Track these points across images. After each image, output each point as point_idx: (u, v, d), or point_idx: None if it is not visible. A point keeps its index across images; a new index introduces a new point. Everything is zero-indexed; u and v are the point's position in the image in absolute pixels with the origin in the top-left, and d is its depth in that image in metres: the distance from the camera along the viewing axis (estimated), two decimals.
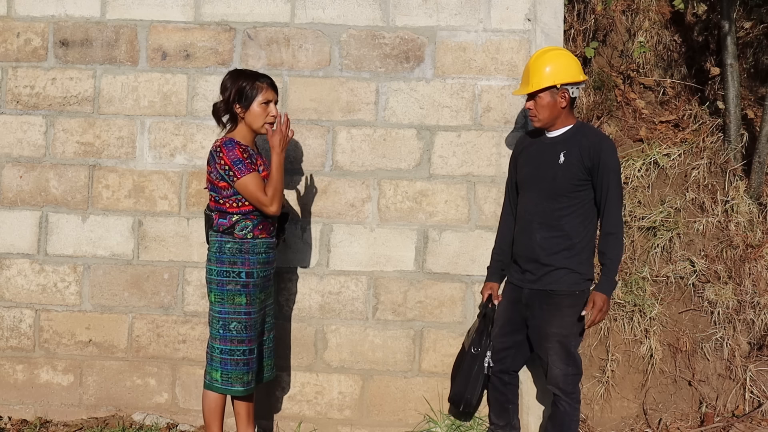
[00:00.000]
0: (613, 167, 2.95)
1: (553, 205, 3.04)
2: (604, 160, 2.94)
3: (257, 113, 2.99)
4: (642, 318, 3.91)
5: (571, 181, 2.99)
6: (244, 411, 3.16)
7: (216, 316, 2.97)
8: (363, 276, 3.62)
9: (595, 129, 3.13)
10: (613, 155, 2.97)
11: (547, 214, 3.05)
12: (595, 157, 2.94)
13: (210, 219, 3.05)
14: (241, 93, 2.97)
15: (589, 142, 2.98)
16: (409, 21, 3.61)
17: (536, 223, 3.09)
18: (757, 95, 4.85)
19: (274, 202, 2.92)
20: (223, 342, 2.96)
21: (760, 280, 4.02)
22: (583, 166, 2.96)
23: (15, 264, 3.72)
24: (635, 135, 4.46)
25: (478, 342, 3.24)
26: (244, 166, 2.89)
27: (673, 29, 4.94)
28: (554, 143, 3.07)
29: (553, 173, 3.03)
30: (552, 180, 3.04)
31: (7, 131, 3.73)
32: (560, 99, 3.02)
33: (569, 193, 3.00)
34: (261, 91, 2.98)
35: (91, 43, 3.70)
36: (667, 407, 3.83)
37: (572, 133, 3.05)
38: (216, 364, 2.98)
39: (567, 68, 3.03)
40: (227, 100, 3.00)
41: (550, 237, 3.02)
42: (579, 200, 2.99)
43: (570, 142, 3.02)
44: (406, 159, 3.62)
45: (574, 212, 3.00)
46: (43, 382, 3.72)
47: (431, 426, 3.58)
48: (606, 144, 2.99)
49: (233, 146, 2.91)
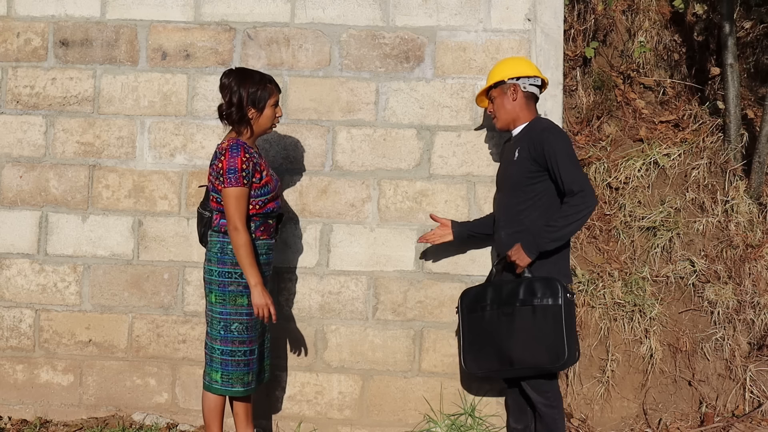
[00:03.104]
0: (557, 147, 2.91)
1: (512, 200, 3.09)
2: (547, 146, 2.92)
3: (269, 116, 2.98)
4: (642, 318, 3.91)
5: (523, 174, 3.01)
6: (242, 411, 3.15)
7: (217, 317, 2.95)
8: (363, 276, 3.62)
9: (543, 121, 3.10)
10: (556, 138, 2.94)
11: (509, 210, 3.10)
12: (539, 147, 2.95)
13: (203, 217, 3.03)
14: (255, 97, 2.93)
15: (534, 133, 3.01)
16: (409, 21, 3.61)
17: (501, 221, 3.15)
18: (757, 95, 4.85)
19: (239, 233, 2.83)
20: (224, 343, 2.95)
21: (760, 280, 4.02)
22: (531, 158, 2.98)
23: (15, 264, 3.72)
24: (635, 135, 4.46)
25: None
26: (236, 177, 2.83)
27: (673, 29, 4.94)
28: (515, 141, 3.13)
29: (511, 170, 3.09)
30: (510, 177, 3.10)
31: (7, 131, 3.73)
32: (511, 93, 3.08)
33: (524, 186, 3.02)
34: (272, 93, 2.98)
35: (91, 43, 3.70)
36: (667, 407, 3.83)
37: (526, 129, 3.09)
38: (216, 365, 2.97)
39: (515, 65, 3.12)
40: (240, 104, 2.92)
41: (512, 233, 3.05)
42: (535, 193, 3.00)
43: (524, 138, 3.06)
44: (406, 159, 3.62)
45: (532, 206, 3.01)
46: (43, 382, 3.72)
47: (431, 426, 3.58)
48: (547, 132, 2.97)
49: (238, 152, 2.86)
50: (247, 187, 2.88)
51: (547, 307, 2.89)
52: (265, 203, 2.97)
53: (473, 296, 3.14)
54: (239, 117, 2.94)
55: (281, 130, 3.62)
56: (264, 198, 2.96)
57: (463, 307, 3.18)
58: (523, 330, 2.92)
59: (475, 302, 3.12)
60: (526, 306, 2.93)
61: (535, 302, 2.91)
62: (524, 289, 2.95)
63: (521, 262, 2.94)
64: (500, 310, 2.99)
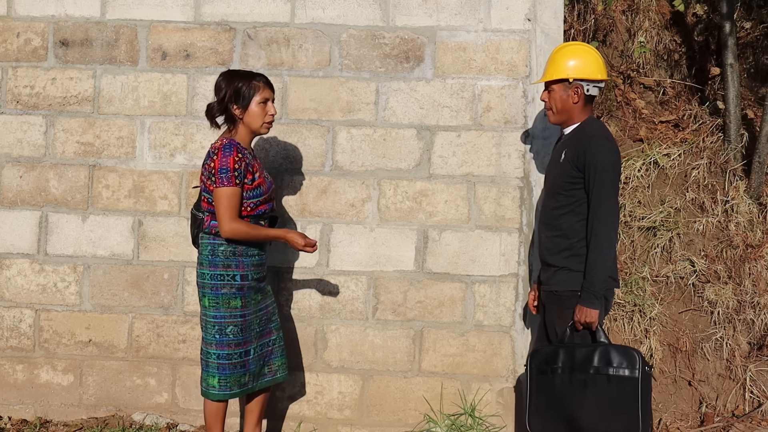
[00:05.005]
0: (598, 165, 2.82)
1: (552, 203, 3.02)
2: (589, 158, 2.83)
3: (256, 113, 2.93)
4: (642, 318, 3.91)
5: (564, 179, 2.93)
6: (256, 409, 3.12)
7: (211, 321, 2.91)
8: (363, 276, 3.62)
9: (595, 126, 2.99)
10: (601, 152, 2.84)
11: (548, 212, 3.04)
12: (582, 155, 2.86)
13: (196, 219, 2.99)
14: (238, 93, 2.90)
15: (583, 138, 2.91)
16: (409, 21, 3.61)
17: (542, 222, 3.10)
18: (757, 95, 4.85)
19: (232, 228, 2.83)
20: (219, 347, 2.91)
21: (760, 280, 4.02)
22: (574, 163, 2.89)
23: (15, 264, 3.72)
24: (635, 135, 4.46)
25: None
26: (228, 177, 2.81)
27: (673, 29, 4.94)
28: (564, 142, 3.04)
29: (556, 171, 3.02)
30: (553, 178, 3.03)
31: (7, 131, 3.73)
32: (572, 94, 2.95)
33: (564, 190, 2.94)
34: (258, 90, 2.93)
35: (91, 43, 3.70)
36: (667, 407, 3.83)
37: (577, 130, 2.98)
38: (213, 370, 2.92)
39: (585, 65, 2.96)
40: (222, 100, 2.92)
41: (551, 236, 3.00)
42: (575, 198, 2.91)
43: (573, 140, 2.97)
44: (406, 159, 3.62)
45: (571, 211, 2.93)
46: (43, 382, 3.72)
47: (431, 426, 3.58)
48: (595, 141, 2.87)
49: (230, 152, 2.84)
50: (239, 188, 2.85)
51: (623, 378, 2.77)
52: (257, 205, 2.94)
53: (544, 357, 2.92)
54: (221, 112, 2.95)
55: (281, 130, 3.62)
56: (256, 200, 2.92)
57: (532, 367, 2.95)
58: (596, 399, 2.77)
59: (545, 363, 2.90)
60: (601, 375, 2.78)
61: (610, 371, 2.77)
62: (599, 355, 2.80)
63: (591, 318, 2.81)
64: (572, 375, 2.82)
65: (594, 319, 2.82)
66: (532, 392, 2.94)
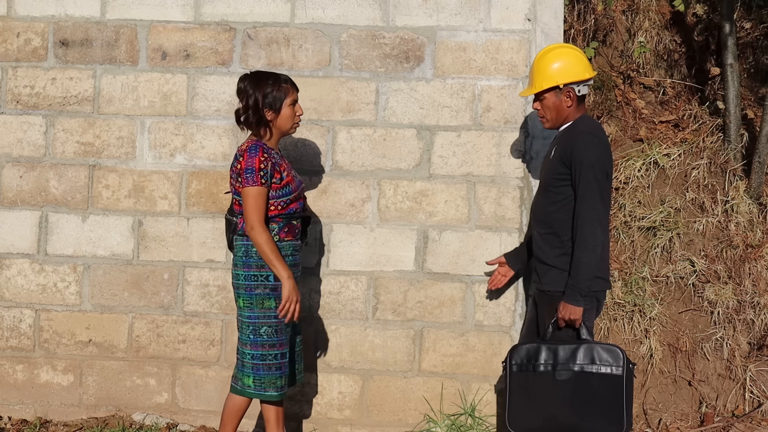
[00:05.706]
0: (583, 161, 2.80)
1: (543, 200, 3.02)
2: (575, 154, 2.82)
3: (287, 115, 2.95)
4: (642, 318, 3.91)
5: (553, 175, 2.93)
6: (273, 416, 3.05)
7: (246, 321, 2.92)
8: (363, 276, 3.62)
9: (585, 123, 2.96)
10: (587, 149, 2.82)
11: (540, 209, 3.04)
12: (569, 151, 2.85)
13: (231, 224, 2.99)
14: (269, 98, 2.91)
15: (572, 134, 2.90)
16: (409, 21, 3.61)
17: (534, 219, 3.11)
18: (757, 95, 4.85)
19: (256, 232, 2.82)
20: (254, 347, 2.91)
21: (760, 280, 4.02)
22: (561, 160, 2.89)
23: (15, 264, 3.72)
24: (635, 135, 4.46)
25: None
26: (253, 177, 2.82)
27: (673, 29, 4.94)
28: (556, 138, 3.05)
29: (547, 168, 3.03)
30: (544, 175, 3.04)
31: (7, 131, 3.73)
32: (565, 98, 2.94)
33: (553, 187, 2.93)
34: (288, 93, 2.95)
35: (91, 43, 3.70)
36: (667, 407, 3.83)
37: (569, 128, 2.98)
38: (248, 370, 2.93)
39: (571, 67, 2.94)
40: (255, 107, 2.91)
41: (544, 234, 3.00)
42: (563, 195, 2.90)
43: (564, 137, 2.96)
44: (406, 159, 3.62)
45: (561, 208, 2.91)
46: (43, 382, 3.72)
47: (431, 426, 3.58)
48: (581, 138, 2.85)
49: (256, 153, 2.85)
50: (266, 187, 2.86)
51: (607, 376, 2.78)
52: (288, 203, 2.95)
53: (525, 354, 2.90)
54: (257, 120, 2.93)
55: None
56: (286, 198, 2.94)
57: (511, 364, 2.93)
58: (579, 396, 2.78)
59: (526, 360, 2.89)
60: (585, 372, 2.79)
61: (594, 369, 2.78)
62: (584, 353, 2.81)
63: (575, 315, 2.81)
64: (555, 373, 2.82)
65: (578, 317, 2.82)
66: (512, 390, 2.91)
